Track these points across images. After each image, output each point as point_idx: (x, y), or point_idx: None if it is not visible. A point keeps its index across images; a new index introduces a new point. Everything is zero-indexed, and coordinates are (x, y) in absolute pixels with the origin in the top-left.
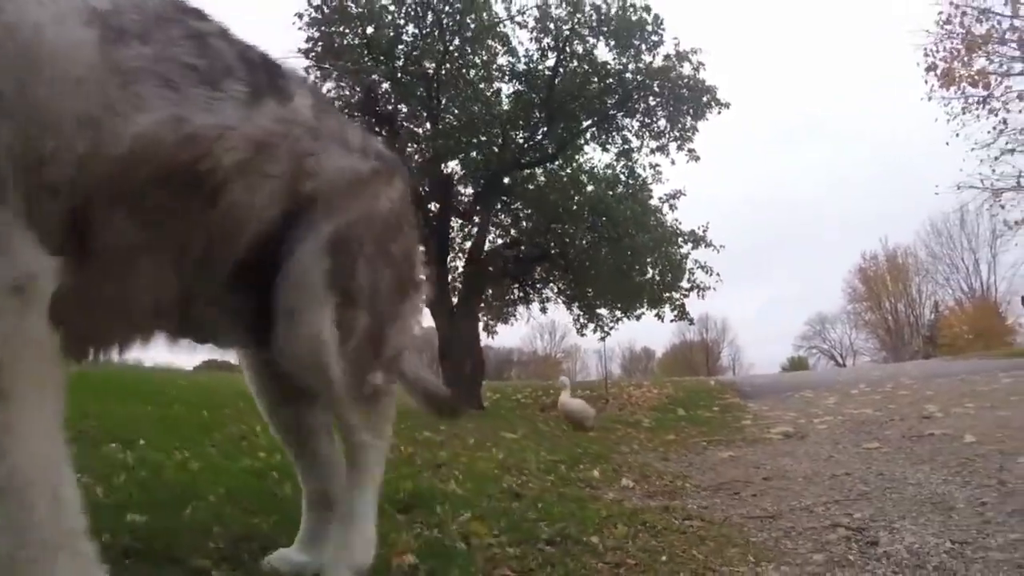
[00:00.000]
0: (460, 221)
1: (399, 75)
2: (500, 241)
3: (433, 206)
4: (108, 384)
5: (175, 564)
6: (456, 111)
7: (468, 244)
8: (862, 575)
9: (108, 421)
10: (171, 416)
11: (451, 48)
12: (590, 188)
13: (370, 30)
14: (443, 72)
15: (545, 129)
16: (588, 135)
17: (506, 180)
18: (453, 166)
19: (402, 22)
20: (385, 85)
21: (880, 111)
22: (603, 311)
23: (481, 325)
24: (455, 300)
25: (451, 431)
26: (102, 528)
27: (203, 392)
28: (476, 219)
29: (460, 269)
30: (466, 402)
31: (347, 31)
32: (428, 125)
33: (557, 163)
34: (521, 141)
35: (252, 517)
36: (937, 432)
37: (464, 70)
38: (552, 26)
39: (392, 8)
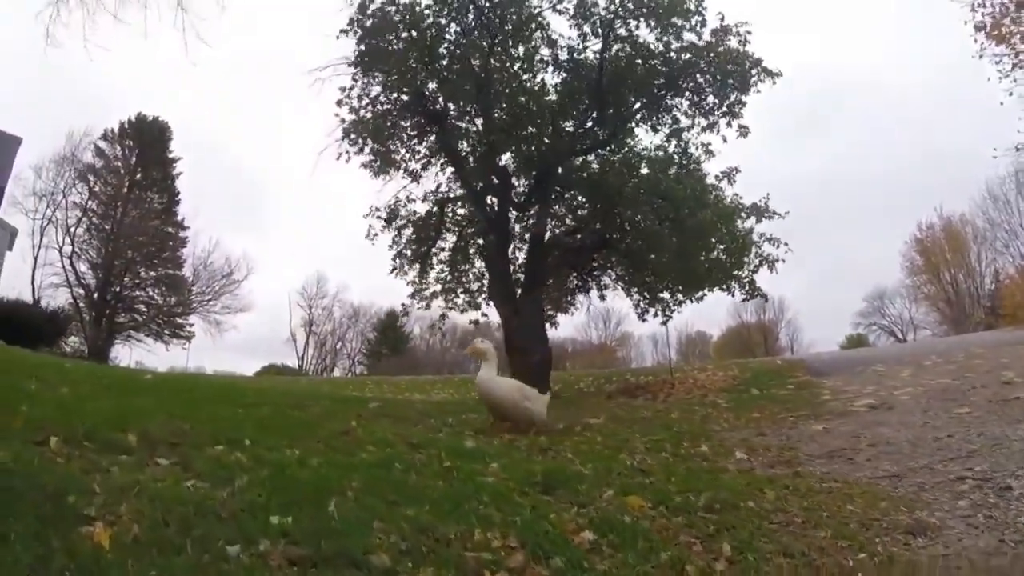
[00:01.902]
0: (517, 213)
1: (445, 74)
2: (558, 230)
3: (490, 200)
4: (186, 389)
5: (356, 567)
6: (504, 105)
7: (527, 235)
8: (1008, 514)
9: (203, 424)
10: (263, 417)
11: (496, 42)
12: (644, 171)
13: (413, 34)
14: (490, 66)
15: (594, 115)
16: (638, 118)
17: (560, 170)
18: (507, 159)
19: (444, 22)
20: (432, 85)
21: (929, 74)
22: (665, 295)
23: None
24: (519, 291)
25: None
26: (249, 534)
27: (280, 394)
28: (533, 210)
29: (520, 260)
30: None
31: (392, 37)
32: (480, 121)
33: (609, 149)
34: (571, 129)
35: (402, 508)
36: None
37: (508, 63)
38: (592, 11)
39: (434, 8)
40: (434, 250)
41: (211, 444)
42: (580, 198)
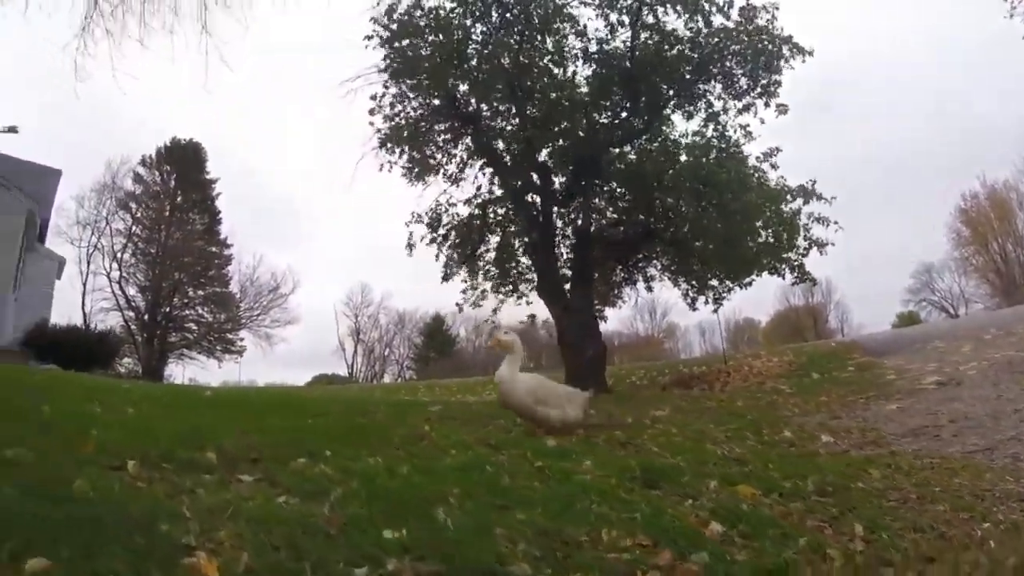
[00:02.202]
0: (559, 209)
1: (475, 75)
2: (601, 223)
3: (531, 198)
4: (247, 403)
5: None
6: (536, 100)
7: (569, 230)
8: None
9: (277, 437)
10: (332, 426)
11: (524, 38)
12: (684, 158)
13: (440, 37)
14: (520, 63)
15: (628, 105)
16: (672, 105)
17: (598, 163)
18: (544, 156)
19: (469, 22)
20: (463, 87)
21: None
22: (714, 282)
23: None
24: (567, 287)
25: (605, 412)
26: (367, 552)
27: (339, 402)
28: (574, 205)
29: (566, 256)
30: (592, 386)
31: (418, 42)
32: (516, 120)
33: (645, 138)
34: (605, 121)
35: (513, 512)
36: None
37: (538, 58)
38: (619, 0)
39: (457, 10)
40: (479, 251)
41: (291, 457)
42: (620, 190)
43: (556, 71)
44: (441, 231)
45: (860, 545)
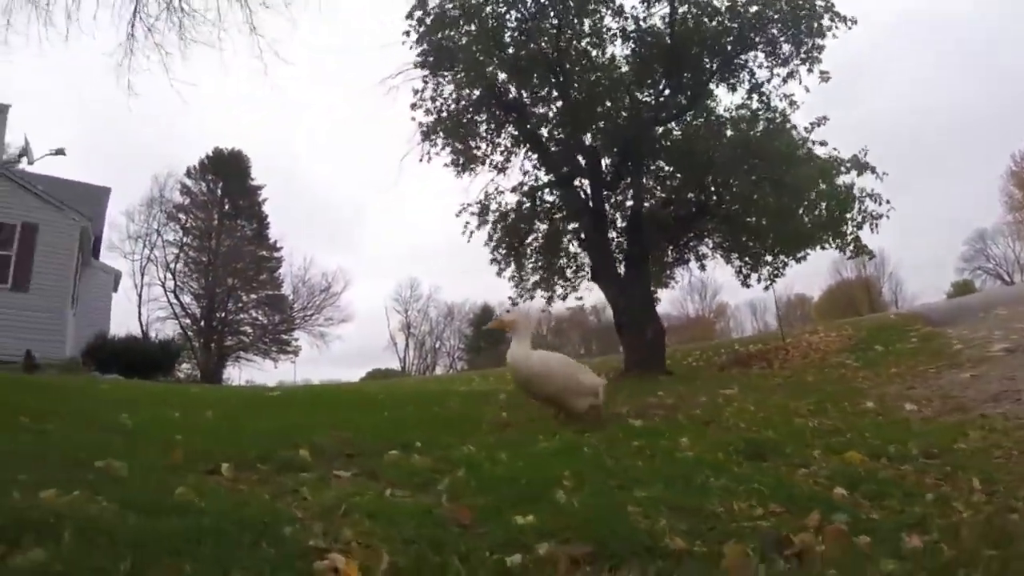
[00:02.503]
0: (607, 192)
1: (514, 63)
2: (651, 203)
3: (580, 182)
4: (318, 400)
5: (652, 554)
6: (576, 83)
7: (617, 214)
8: None
9: (363, 432)
10: (408, 417)
11: (561, 21)
12: (731, 132)
13: (474, 27)
14: (559, 46)
15: (670, 82)
16: (715, 79)
17: (644, 142)
18: (590, 138)
19: (503, 9)
20: (502, 76)
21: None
22: (768, 257)
23: None
24: (622, 269)
25: (674, 393)
26: (509, 539)
27: (404, 395)
28: (621, 186)
29: (617, 240)
30: (653, 368)
31: (453, 33)
32: (559, 103)
33: (691, 114)
34: (649, 100)
35: (633, 491)
36: None
37: (576, 41)
38: None
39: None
40: (528, 240)
41: (382, 451)
42: (668, 168)
43: (595, 53)
44: (490, 218)
45: (982, 497)
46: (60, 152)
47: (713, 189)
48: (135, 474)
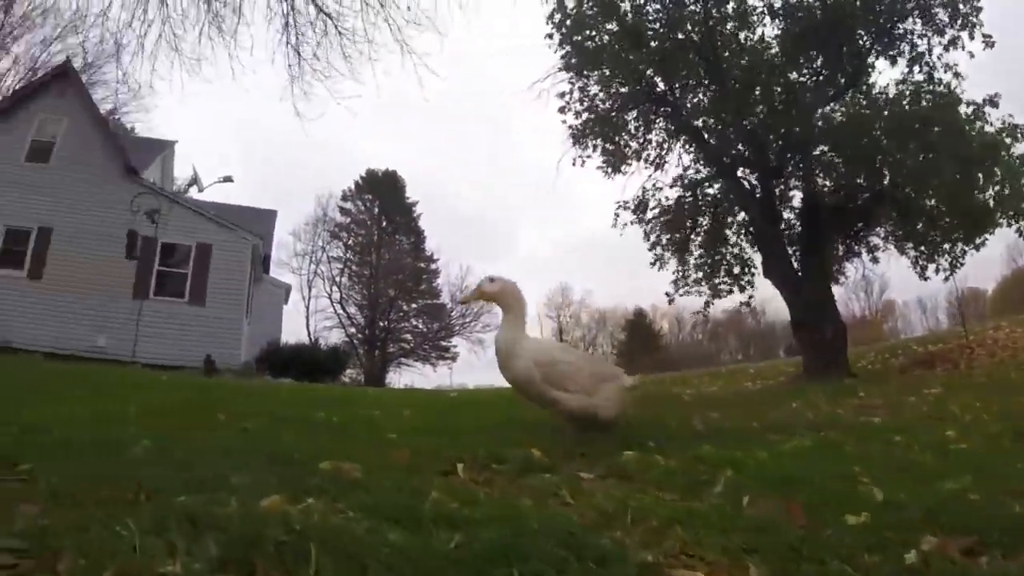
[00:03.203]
0: (772, 181)
1: (659, 54)
2: (822, 190)
3: (743, 171)
4: (499, 402)
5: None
6: (725, 67)
7: (782, 205)
8: None
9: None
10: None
11: (705, 5)
12: (895, 109)
13: (614, 24)
14: (705, 32)
15: (826, 59)
16: (873, 53)
17: (804, 126)
18: (750, 125)
19: (641, 2)
20: (649, 71)
21: None
22: (946, 245)
23: None
24: (795, 265)
25: (874, 395)
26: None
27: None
28: (785, 173)
29: (788, 233)
30: (835, 371)
31: (593, 33)
32: (712, 90)
33: (852, 91)
34: (804, 80)
35: (932, 484)
36: None
37: (722, 25)
38: None
39: None
40: (690, 236)
41: (612, 452)
42: (831, 153)
43: (743, 35)
44: (649, 214)
45: None
46: (228, 179)
47: (882, 171)
48: (372, 478)
